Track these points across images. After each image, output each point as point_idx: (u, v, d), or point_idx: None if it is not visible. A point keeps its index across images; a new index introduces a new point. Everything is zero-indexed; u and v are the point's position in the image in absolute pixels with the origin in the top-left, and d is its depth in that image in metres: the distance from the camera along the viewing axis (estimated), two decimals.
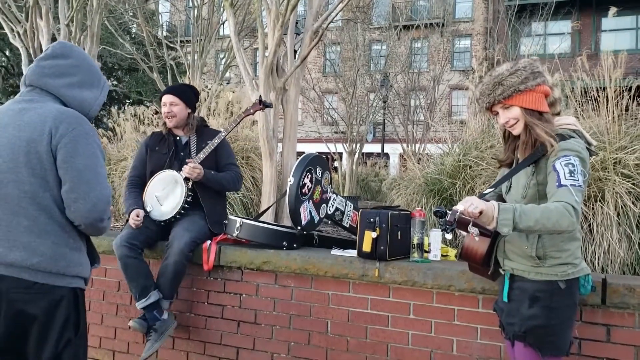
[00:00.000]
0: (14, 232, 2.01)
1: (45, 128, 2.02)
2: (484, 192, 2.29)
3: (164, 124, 3.80)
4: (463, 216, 2.01)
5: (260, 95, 4.50)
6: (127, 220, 3.55)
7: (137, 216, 3.47)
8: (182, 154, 3.73)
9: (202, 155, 3.60)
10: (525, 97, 2.22)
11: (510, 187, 2.35)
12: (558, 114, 2.33)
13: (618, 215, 3.52)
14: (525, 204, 2.13)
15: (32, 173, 2.01)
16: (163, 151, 3.74)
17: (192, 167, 3.51)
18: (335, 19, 6.10)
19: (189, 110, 3.78)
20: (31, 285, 1.99)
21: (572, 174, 2.04)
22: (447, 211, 2.02)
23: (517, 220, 1.96)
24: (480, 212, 1.98)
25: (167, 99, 3.73)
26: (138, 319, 3.32)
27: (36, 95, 2.13)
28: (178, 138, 3.80)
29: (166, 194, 3.59)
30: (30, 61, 6.69)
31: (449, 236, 2.05)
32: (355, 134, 15.87)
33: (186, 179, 3.55)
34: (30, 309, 1.99)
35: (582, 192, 2.06)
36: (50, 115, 2.05)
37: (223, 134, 3.72)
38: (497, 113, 2.32)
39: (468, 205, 2.00)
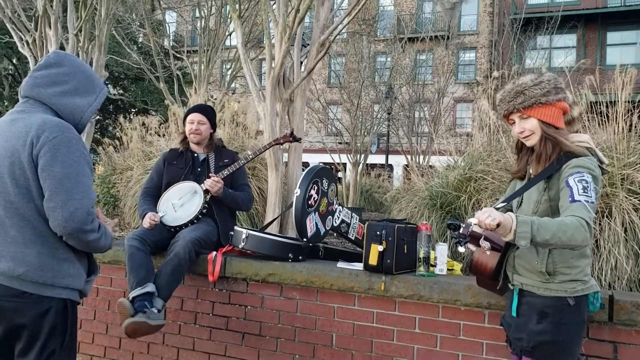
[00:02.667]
0: (1, 243, 2.02)
1: (27, 138, 2.00)
2: (497, 206, 2.26)
3: (183, 140, 3.92)
4: (475, 230, 1.99)
5: (292, 129, 4.61)
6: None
7: (152, 218, 3.52)
8: (199, 169, 3.83)
9: (225, 172, 3.71)
10: (544, 110, 2.22)
11: (521, 202, 2.35)
12: (576, 132, 2.33)
13: (625, 231, 3.51)
14: None
15: (16, 184, 2.01)
16: (180, 165, 3.85)
17: (215, 181, 3.61)
18: (341, 31, 6.12)
19: (212, 131, 3.93)
20: (20, 294, 2.00)
21: (586, 190, 2.03)
22: (461, 224, 2.00)
23: (535, 233, 1.94)
24: (498, 225, 1.95)
25: (195, 117, 3.86)
26: (128, 301, 3.20)
27: (29, 105, 2.13)
28: (196, 155, 3.90)
29: (182, 202, 3.68)
30: None
31: (462, 249, 2.04)
32: (359, 144, 15.88)
33: (206, 191, 3.63)
34: (19, 318, 2.00)
35: (595, 209, 2.06)
36: (35, 125, 2.03)
37: (250, 155, 3.88)
38: (514, 122, 2.31)
39: (485, 217, 1.96)
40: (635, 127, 4.12)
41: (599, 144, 3.93)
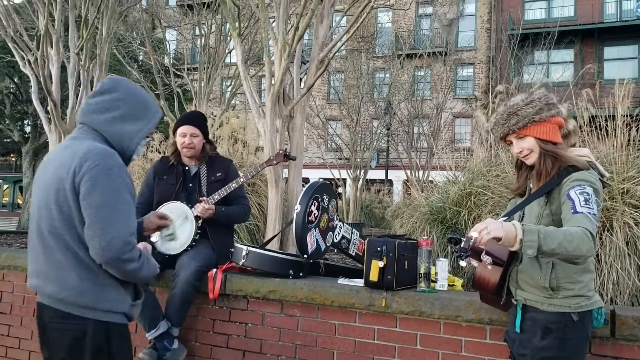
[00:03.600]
0: (48, 266, 2.11)
1: (72, 166, 2.06)
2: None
3: (175, 153, 3.78)
4: (476, 244, 1.96)
5: (286, 148, 4.53)
6: None
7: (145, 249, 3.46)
8: (190, 185, 3.72)
9: (216, 197, 3.59)
10: (539, 128, 2.24)
11: (522, 216, 2.34)
12: (574, 145, 2.34)
13: (627, 245, 3.51)
14: None
15: (60, 210, 2.07)
16: (171, 181, 3.72)
17: (206, 209, 3.51)
18: (340, 48, 6.17)
19: (204, 141, 3.78)
20: (66, 315, 2.09)
21: (587, 202, 2.03)
22: (462, 237, 1.98)
23: (542, 242, 1.91)
24: (499, 239, 1.93)
25: (187, 129, 3.68)
26: (148, 349, 3.31)
27: (82, 132, 2.19)
28: (187, 168, 3.78)
29: (173, 228, 3.55)
30: (40, 89, 6.78)
31: (463, 263, 2.02)
32: (359, 160, 15.92)
33: (197, 217, 3.56)
34: (66, 338, 2.10)
35: (597, 221, 2.05)
36: (80, 153, 2.07)
37: (242, 179, 3.70)
38: (511, 142, 2.32)
39: (483, 229, 1.94)
40: (634, 140, 4.14)
41: (598, 158, 3.94)
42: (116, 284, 2.15)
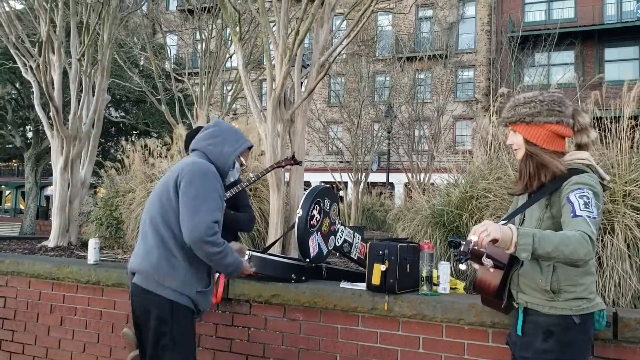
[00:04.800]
0: (143, 246, 2.66)
1: (178, 169, 2.66)
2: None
3: None
4: (476, 248, 1.97)
5: (294, 153, 4.59)
6: None
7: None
8: None
9: (227, 194, 3.69)
10: (528, 129, 2.25)
11: (523, 220, 2.34)
12: (586, 145, 2.32)
13: (628, 247, 3.50)
14: None
15: (160, 202, 2.64)
16: None
17: None
18: (340, 52, 6.18)
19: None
20: (144, 290, 2.59)
21: (587, 206, 2.03)
22: (462, 241, 1.98)
23: (537, 246, 1.91)
24: (496, 240, 1.94)
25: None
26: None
27: (192, 154, 2.83)
28: None
29: None
30: (42, 95, 6.79)
31: (462, 266, 2.03)
32: (360, 163, 15.93)
33: None
34: (140, 310, 2.65)
35: (597, 224, 2.04)
36: (187, 161, 2.72)
37: (253, 178, 3.89)
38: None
39: (482, 231, 1.95)
40: (638, 143, 4.13)
41: (601, 161, 3.94)
42: (189, 268, 2.59)
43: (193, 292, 2.61)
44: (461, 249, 1.96)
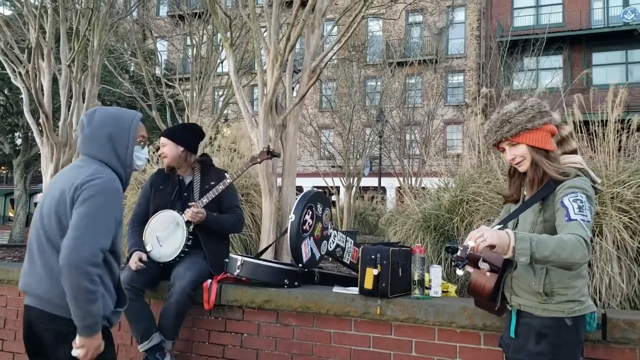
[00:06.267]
0: (42, 269, 2.27)
1: (76, 182, 2.26)
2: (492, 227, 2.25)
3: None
4: (473, 252, 1.97)
5: (269, 145, 4.55)
6: (128, 260, 3.56)
7: (140, 260, 3.47)
8: (185, 194, 3.77)
9: (205, 200, 3.64)
10: (532, 136, 2.26)
11: (517, 224, 2.36)
12: (574, 151, 2.35)
13: (617, 249, 3.54)
14: None
15: (58, 220, 2.25)
16: (167, 190, 3.79)
17: (195, 213, 3.55)
18: (331, 58, 6.21)
19: (182, 149, 3.79)
20: (52, 317, 2.23)
21: (581, 210, 2.05)
22: (459, 246, 1.98)
23: (534, 250, 1.92)
24: (493, 246, 1.94)
25: (161, 141, 3.85)
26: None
27: (86, 159, 2.42)
28: (181, 178, 3.84)
29: (167, 235, 3.62)
30: (31, 101, 6.77)
31: (460, 272, 2.03)
32: (352, 168, 15.97)
33: (188, 222, 3.58)
34: (51, 337, 2.24)
35: (591, 228, 2.07)
36: (86, 173, 2.30)
37: (228, 180, 3.74)
38: (504, 150, 2.34)
39: (479, 236, 1.95)
40: (625, 146, 4.19)
41: (590, 164, 3.98)
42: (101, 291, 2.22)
43: (108, 311, 2.29)
44: (458, 255, 1.96)
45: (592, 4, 24.46)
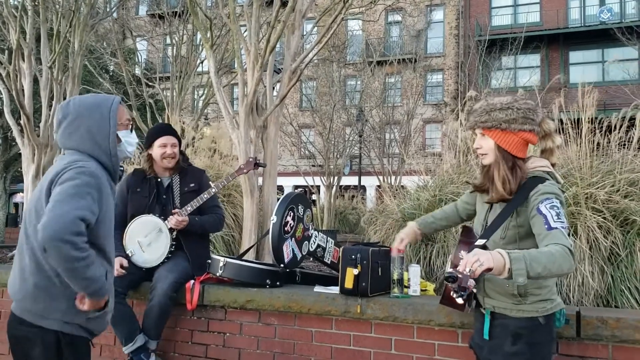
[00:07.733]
0: (17, 269, 2.18)
1: (54, 173, 2.15)
2: (476, 244, 2.21)
3: (150, 165, 3.76)
4: (472, 280, 1.91)
5: (257, 157, 4.57)
6: None
7: (121, 266, 3.42)
8: (164, 197, 3.74)
9: (189, 208, 3.64)
10: (503, 136, 2.24)
11: (486, 226, 2.36)
12: (556, 147, 2.35)
13: (590, 249, 3.65)
14: (503, 245, 2.20)
15: (37, 215, 2.10)
16: (144, 194, 3.71)
17: (180, 221, 3.57)
18: (312, 59, 6.25)
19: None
20: (21, 321, 2.14)
21: (559, 217, 2.05)
22: (458, 275, 1.90)
23: (529, 269, 1.88)
24: (489, 270, 1.89)
25: (168, 140, 3.71)
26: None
27: (70, 153, 2.30)
28: (159, 180, 3.78)
29: (149, 240, 3.61)
30: (12, 101, 6.72)
31: (461, 300, 2.02)
32: (332, 167, 16.03)
33: (171, 229, 3.60)
34: (20, 343, 2.15)
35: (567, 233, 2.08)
36: (65, 162, 2.19)
37: (213, 190, 3.74)
38: (477, 135, 2.35)
39: (475, 261, 1.88)
40: (599, 145, 4.27)
41: (564, 165, 4.08)
42: (71, 295, 2.10)
43: (82, 318, 2.14)
44: (461, 285, 1.89)
45: (569, 3, 24.81)
